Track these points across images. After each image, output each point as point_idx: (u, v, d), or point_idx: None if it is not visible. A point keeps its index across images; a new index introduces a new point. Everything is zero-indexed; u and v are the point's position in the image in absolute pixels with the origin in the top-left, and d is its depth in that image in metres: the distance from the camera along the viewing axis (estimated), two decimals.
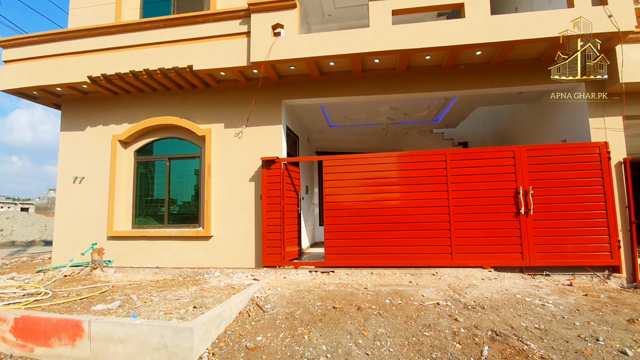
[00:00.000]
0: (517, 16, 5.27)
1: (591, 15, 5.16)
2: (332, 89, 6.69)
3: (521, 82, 6.13)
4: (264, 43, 5.96)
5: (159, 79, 6.74)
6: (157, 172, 7.55)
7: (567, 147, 5.81)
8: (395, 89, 6.49)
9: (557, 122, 6.96)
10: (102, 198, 7.33)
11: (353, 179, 6.23)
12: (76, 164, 7.50)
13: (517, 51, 5.67)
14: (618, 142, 5.82)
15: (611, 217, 5.56)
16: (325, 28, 10.24)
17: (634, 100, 5.82)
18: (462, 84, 6.28)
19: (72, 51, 6.97)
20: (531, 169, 5.80)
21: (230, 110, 7.02)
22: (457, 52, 5.58)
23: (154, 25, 6.57)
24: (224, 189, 6.87)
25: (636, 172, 10.28)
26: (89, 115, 7.62)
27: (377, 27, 5.62)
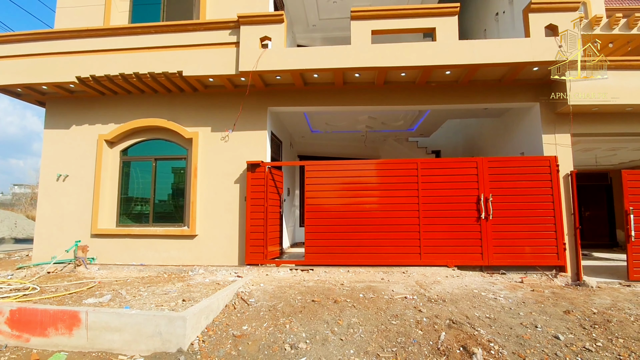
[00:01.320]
0: (481, 42, 5.92)
1: (544, 45, 5.88)
2: (315, 99, 7.14)
3: (485, 99, 6.81)
4: (252, 54, 6.34)
5: (148, 82, 6.96)
6: (143, 172, 7.73)
7: (522, 159, 6.53)
8: (374, 101, 7.03)
9: (516, 136, 7.72)
10: (87, 196, 7.43)
11: (333, 184, 6.71)
12: (60, 162, 7.56)
13: (482, 73, 6.34)
14: (566, 156, 6.58)
15: (558, 223, 6.31)
16: (310, 37, 10.73)
17: (580, 120, 6.61)
18: (433, 99, 6.90)
19: (61, 51, 7.05)
20: (492, 178, 6.48)
21: (217, 114, 7.32)
22: (429, 71, 6.18)
23: (145, 30, 6.80)
24: (209, 190, 7.16)
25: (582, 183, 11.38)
26: (74, 114, 7.70)
27: (358, 45, 6.13)
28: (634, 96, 6.11)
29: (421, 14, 6.08)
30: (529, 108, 7.01)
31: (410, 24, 6.12)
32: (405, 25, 6.13)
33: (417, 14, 6.10)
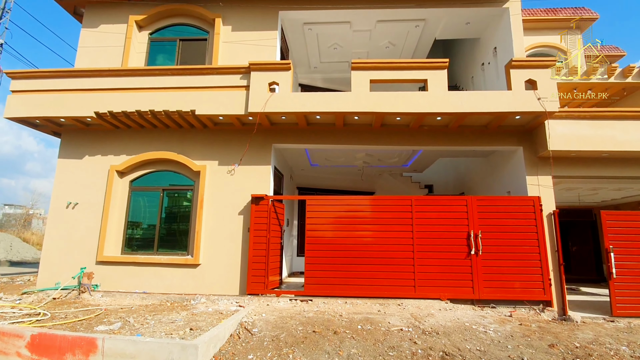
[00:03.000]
0: (468, 93, 6.59)
1: (525, 97, 6.56)
2: (317, 137, 7.69)
3: (473, 143, 7.42)
4: (261, 96, 6.93)
5: (162, 119, 7.48)
6: (150, 201, 8.09)
7: (508, 199, 7.04)
8: (371, 141, 7.60)
9: (503, 176, 8.28)
10: (94, 224, 7.71)
11: (332, 217, 7.11)
12: (71, 190, 7.90)
13: (469, 119, 6.98)
14: (549, 196, 7.10)
15: (544, 259, 6.72)
16: (311, 77, 11.51)
17: (560, 163, 7.20)
18: (426, 141, 7.49)
19: (81, 88, 7.59)
20: (480, 216, 6.94)
21: (224, 149, 7.81)
22: (421, 117, 6.80)
23: (162, 72, 7.41)
24: (214, 221, 7.50)
25: (568, 219, 11.90)
26: (88, 145, 8.13)
27: (357, 92, 6.76)
28: (606, 143, 6.74)
29: (414, 67, 6.79)
30: (514, 151, 7.62)
31: (405, 76, 6.81)
32: (400, 77, 6.81)
33: (411, 67, 6.81)
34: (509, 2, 7.63)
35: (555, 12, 12.07)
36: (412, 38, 9.33)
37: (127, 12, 8.43)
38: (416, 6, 7.86)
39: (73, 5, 8.84)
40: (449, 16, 8.23)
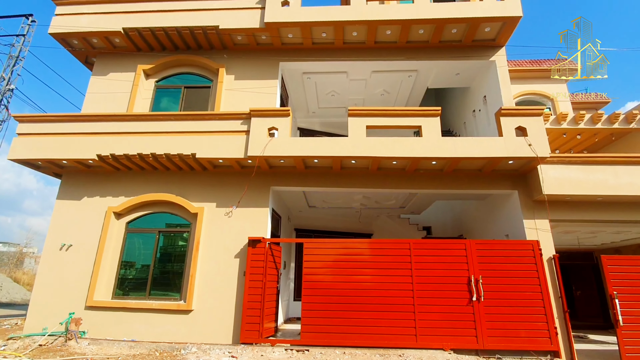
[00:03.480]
0: (461, 139, 6.82)
1: (516, 143, 6.77)
2: (315, 180, 7.80)
3: (468, 186, 7.53)
4: (261, 141, 7.14)
5: (163, 161, 7.62)
6: (146, 243, 7.98)
7: (507, 243, 7.01)
8: (368, 184, 7.70)
9: (500, 218, 8.30)
10: (87, 267, 7.54)
11: (330, 261, 7.00)
12: (66, 231, 7.82)
13: (463, 164, 7.14)
14: (547, 240, 7.06)
15: (547, 306, 6.53)
16: (309, 121, 11.92)
17: (556, 207, 7.26)
18: (421, 184, 7.61)
19: (86, 131, 7.81)
20: (480, 260, 6.85)
21: (223, 191, 7.87)
22: (417, 161, 6.97)
23: (165, 117, 7.68)
24: (209, 264, 7.36)
25: (570, 262, 11.72)
26: (87, 187, 8.19)
27: (354, 137, 6.99)
28: (599, 188, 6.86)
29: (408, 114, 7.09)
30: (509, 194, 7.72)
31: (399, 122, 7.08)
32: (395, 123, 7.09)
33: (405, 114, 7.11)
34: (495, 55, 8.16)
35: (539, 63, 12.84)
36: (406, 86, 9.83)
37: (136, 61, 8.92)
38: (407, 59, 8.38)
39: (85, 54, 9.37)
40: (439, 68, 8.74)
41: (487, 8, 7.57)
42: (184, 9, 8.46)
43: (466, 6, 7.71)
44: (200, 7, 8.40)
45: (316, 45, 8.60)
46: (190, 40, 8.61)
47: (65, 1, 9.01)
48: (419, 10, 7.70)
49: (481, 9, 7.59)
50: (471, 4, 7.76)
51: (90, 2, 8.90)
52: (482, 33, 8.04)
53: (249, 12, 8.29)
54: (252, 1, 8.40)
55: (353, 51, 8.61)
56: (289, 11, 8.03)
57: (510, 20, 7.62)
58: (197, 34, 8.44)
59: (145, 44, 8.80)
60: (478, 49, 8.34)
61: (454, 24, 7.79)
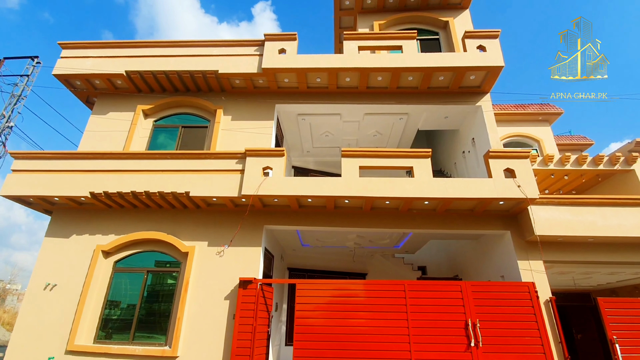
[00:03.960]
0: (452, 180, 6.97)
1: (505, 185, 6.93)
2: (308, 219, 7.79)
3: (461, 226, 7.57)
4: (255, 180, 7.21)
5: (156, 199, 7.60)
6: (133, 283, 7.71)
7: (502, 285, 6.92)
8: (361, 223, 7.71)
9: (495, 259, 8.26)
10: (70, 308, 7.21)
11: (323, 303, 6.79)
12: (52, 270, 7.56)
13: (455, 204, 7.24)
14: (543, 282, 6.99)
15: (547, 352, 6.31)
16: (304, 160, 12.14)
17: (549, 248, 7.27)
18: (415, 224, 7.63)
19: (79, 169, 7.81)
20: (477, 302, 6.71)
21: (215, 230, 7.78)
22: (409, 201, 7.06)
23: (161, 156, 7.78)
24: (197, 306, 7.09)
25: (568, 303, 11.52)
26: (77, 224, 8.05)
27: (347, 178, 7.11)
28: (588, 229, 6.94)
29: (400, 156, 7.30)
30: (502, 235, 7.75)
31: (391, 163, 7.26)
32: (387, 164, 7.27)
33: (397, 155, 7.31)
34: (481, 101, 8.59)
35: (525, 107, 13.49)
36: (398, 128, 10.18)
37: (136, 102, 9.19)
38: (398, 103, 8.78)
39: (87, 95, 9.65)
40: (429, 111, 9.14)
41: (470, 58, 8.10)
42: (185, 55, 8.89)
43: (451, 56, 8.24)
44: (202, 54, 8.85)
45: (311, 89, 9.00)
46: (190, 83, 8.97)
47: (71, 45, 9.44)
48: (407, 60, 8.20)
49: (465, 59, 8.11)
50: (456, 54, 8.30)
51: (96, 47, 9.34)
52: (468, 80, 8.52)
53: (247, 58, 8.75)
54: (250, 49, 8.89)
55: (346, 95, 9.01)
56: (285, 58, 8.49)
57: (492, 70, 8.12)
58: (197, 78, 8.81)
59: (146, 86, 9.13)
60: (465, 95, 8.79)
61: (440, 72, 8.27)
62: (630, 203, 7.19)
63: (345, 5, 10.94)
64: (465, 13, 10.49)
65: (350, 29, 11.74)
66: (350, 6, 10.92)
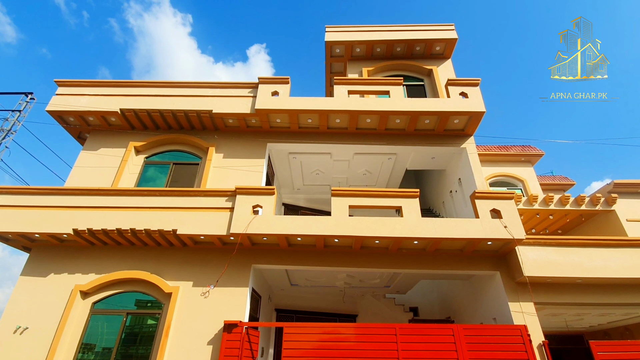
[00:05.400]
0: (440, 220, 7.06)
1: (492, 225, 7.04)
2: (298, 259, 7.68)
3: (450, 267, 7.55)
4: (244, 218, 7.17)
5: (142, 237, 7.42)
6: (110, 326, 7.29)
7: (494, 328, 6.78)
8: (351, 263, 7.62)
9: (486, 300, 8.16)
10: (40, 352, 6.71)
11: (312, 348, 6.50)
12: (25, 311, 7.12)
13: (445, 244, 7.27)
14: (535, 324, 6.88)
15: None
16: (294, 197, 12.17)
17: (539, 289, 7.25)
18: (404, 264, 7.59)
19: (63, 205, 7.64)
20: (469, 347, 6.51)
21: (201, 269, 7.56)
22: (399, 241, 7.07)
23: (149, 193, 7.72)
24: (178, 352, 6.69)
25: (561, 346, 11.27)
26: (56, 262, 7.72)
27: (337, 217, 7.13)
28: (575, 270, 7.00)
29: (389, 196, 7.41)
30: (492, 275, 7.73)
31: (380, 203, 7.36)
32: (376, 203, 7.36)
33: (386, 195, 7.43)
34: (465, 143, 8.96)
35: (507, 148, 14.05)
36: (386, 167, 10.42)
37: (129, 138, 9.27)
38: (387, 144, 9.07)
39: (79, 130, 9.71)
40: (416, 152, 9.44)
41: (453, 104, 8.56)
42: (180, 95, 9.15)
43: (435, 102, 8.69)
44: (197, 94, 9.13)
45: (302, 129, 9.27)
46: (184, 121, 9.15)
47: (67, 82, 9.65)
48: (394, 104, 8.61)
49: (448, 104, 8.57)
50: (440, 100, 8.77)
51: (92, 85, 9.56)
52: (452, 124, 8.93)
53: (241, 99, 9.05)
54: (244, 91, 9.23)
55: (336, 135, 9.29)
56: (278, 100, 8.82)
57: (475, 115, 8.56)
58: (191, 117, 9.00)
59: (140, 123, 9.27)
60: (450, 138, 9.16)
61: (426, 116, 8.68)
62: (613, 244, 7.34)
63: (335, 53, 11.59)
64: (448, 62, 11.22)
65: (340, 74, 12.35)
66: (340, 54, 11.57)
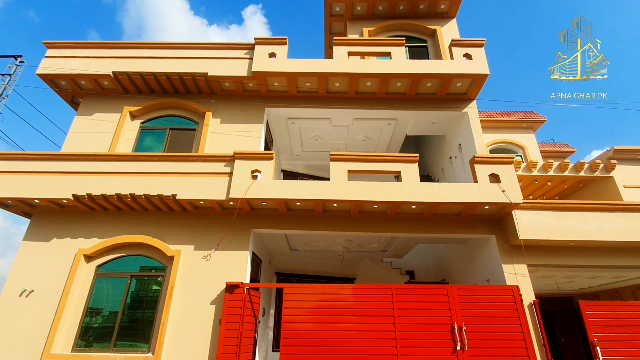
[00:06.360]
0: (438, 185, 7.07)
1: (490, 189, 7.07)
2: (297, 223, 7.77)
3: (447, 231, 7.66)
4: (243, 183, 7.16)
5: (141, 202, 7.46)
6: (116, 288, 7.52)
7: (487, 288, 7.00)
8: (350, 227, 7.73)
9: (480, 263, 8.37)
10: (47, 314, 6.96)
11: (311, 308, 6.75)
12: (30, 275, 7.31)
13: (442, 208, 7.34)
14: (527, 285, 7.11)
15: (531, 355, 6.40)
16: (293, 164, 12.13)
17: (532, 252, 7.42)
18: (402, 228, 7.69)
19: (62, 171, 7.61)
20: (463, 306, 6.77)
21: (202, 233, 7.67)
22: (397, 205, 7.12)
23: (147, 158, 7.66)
24: (182, 312, 6.95)
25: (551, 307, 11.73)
26: (58, 228, 7.82)
27: (336, 181, 7.13)
28: (569, 233, 7.11)
29: (388, 160, 7.37)
30: (487, 239, 7.87)
31: (380, 167, 7.33)
32: (375, 168, 7.32)
33: (385, 160, 7.38)
34: (467, 107, 8.77)
35: (509, 114, 13.82)
36: (386, 133, 10.29)
37: (123, 103, 9.05)
38: (387, 108, 8.89)
39: (72, 95, 9.46)
40: (417, 117, 9.28)
41: (456, 66, 8.28)
42: (175, 57, 8.82)
43: (438, 64, 8.40)
44: (191, 56, 8.80)
45: (301, 94, 9.03)
46: (179, 85, 8.89)
47: (56, 44, 9.26)
48: (395, 66, 8.33)
49: (451, 66, 8.29)
50: (443, 62, 8.48)
51: (82, 47, 9.18)
52: (454, 87, 8.70)
53: (237, 61, 8.74)
54: (241, 52, 8.89)
55: (336, 100, 9.07)
56: (275, 62, 8.51)
57: (478, 77, 8.31)
58: (186, 80, 8.74)
59: (134, 87, 9.01)
60: (451, 101, 8.96)
61: (428, 79, 8.43)
62: (608, 208, 7.41)
63: (335, 12, 11.06)
64: (452, 22, 10.74)
65: (340, 34, 11.86)
66: (340, 12, 11.05)
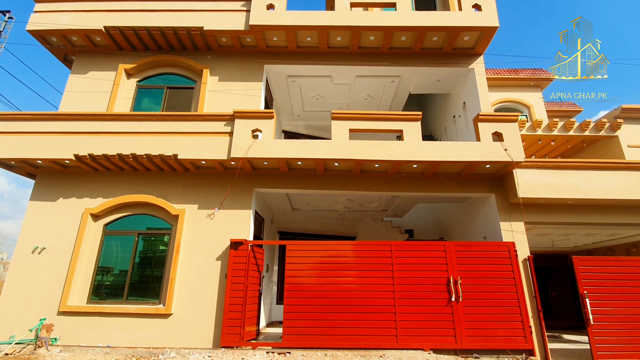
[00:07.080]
0: (440, 144, 7.01)
1: (492, 148, 7.01)
2: (298, 182, 7.83)
3: (448, 189, 7.73)
4: (244, 143, 7.13)
5: (143, 162, 7.48)
6: (124, 246, 7.79)
7: (484, 244, 7.20)
8: (351, 186, 7.79)
9: (478, 221, 8.53)
10: (60, 271, 7.29)
11: (312, 263, 7.02)
12: (39, 234, 7.54)
13: (443, 167, 7.34)
14: (523, 242, 7.30)
15: (522, 306, 6.74)
16: (294, 124, 11.98)
17: (530, 210, 7.53)
18: (403, 187, 7.76)
19: (62, 131, 7.58)
20: (459, 261, 7.02)
21: (205, 193, 7.78)
22: (398, 164, 7.12)
23: (147, 118, 7.56)
24: (190, 267, 7.24)
25: (545, 264, 12.12)
26: (63, 188, 7.93)
27: (337, 140, 7.07)
28: (570, 191, 7.16)
29: (390, 119, 7.24)
30: (487, 197, 7.96)
31: (382, 126, 7.22)
32: (377, 127, 7.22)
33: (387, 118, 7.26)
34: (474, 63, 8.45)
35: (517, 72, 13.34)
36: (389, 91, 10.02)
37: (118, 60, 8.76)
38: (390, 64, 8.57)
39: (64, 52, 9.13)
40: (421, 74, 8.98)
41: (465, 18, 7.85)
42: (168, 9, 8.38)
43: (446, 16, 7.97)
44: (185, 8, 8.36)
45: (301, 49, 8.69)
46: (174, 40, 8.54)
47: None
48: (400, 18, 7.90)
49: (460, 18, 7.86)
50: (451, 13, 8.03)
51: (72, 0, 8.71)
52: (462, 41, 8.32)
53: (234, 14, 8.31)
54: (237, 4, 8.42)
55: (337, 56, 8.74)
56: (274, 15, 8.09)
57: (487, 30, 7.92)
58: (181, 35, 8.37)
59: (127, 43, 8.67)
60: (458, 57, 8.61)
61: (434, 32, 8.03)
62: (609, 167, 7.40)
63: None
64: None
65: None
66: None
